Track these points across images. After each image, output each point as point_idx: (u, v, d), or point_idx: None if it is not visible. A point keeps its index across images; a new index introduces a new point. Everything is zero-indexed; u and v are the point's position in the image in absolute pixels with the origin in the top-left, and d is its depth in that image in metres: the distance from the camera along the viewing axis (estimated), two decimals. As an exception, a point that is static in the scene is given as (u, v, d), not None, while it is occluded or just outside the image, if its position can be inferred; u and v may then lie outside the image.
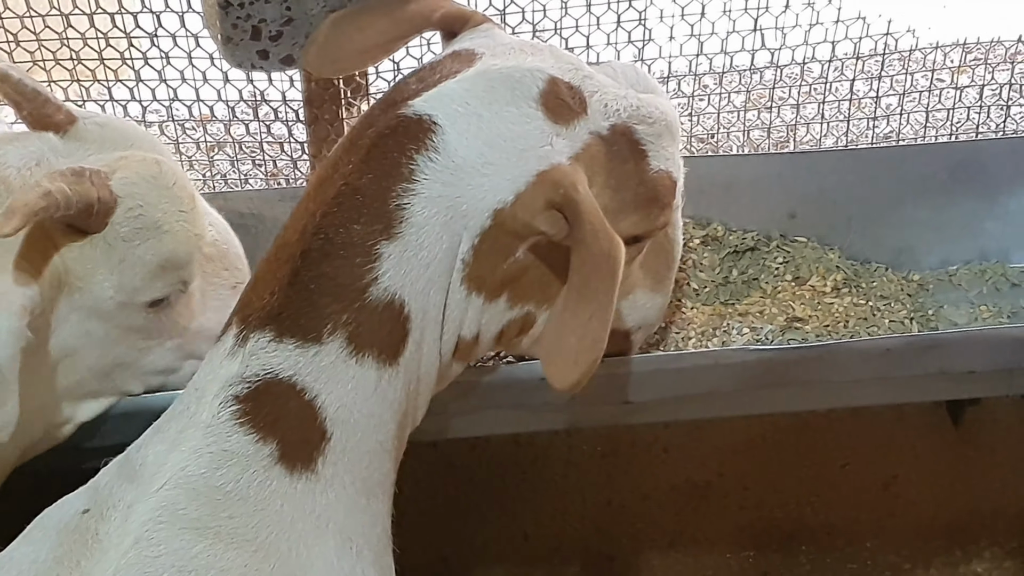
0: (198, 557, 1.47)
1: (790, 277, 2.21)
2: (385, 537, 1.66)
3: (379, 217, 1.59)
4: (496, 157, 1.62)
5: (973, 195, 2.26)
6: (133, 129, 1.85)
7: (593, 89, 1.70)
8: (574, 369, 1.60)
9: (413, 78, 1.70)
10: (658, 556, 2.76)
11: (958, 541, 2.80)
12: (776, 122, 2.36)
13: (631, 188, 1.71)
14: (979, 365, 2.03)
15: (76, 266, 1.72)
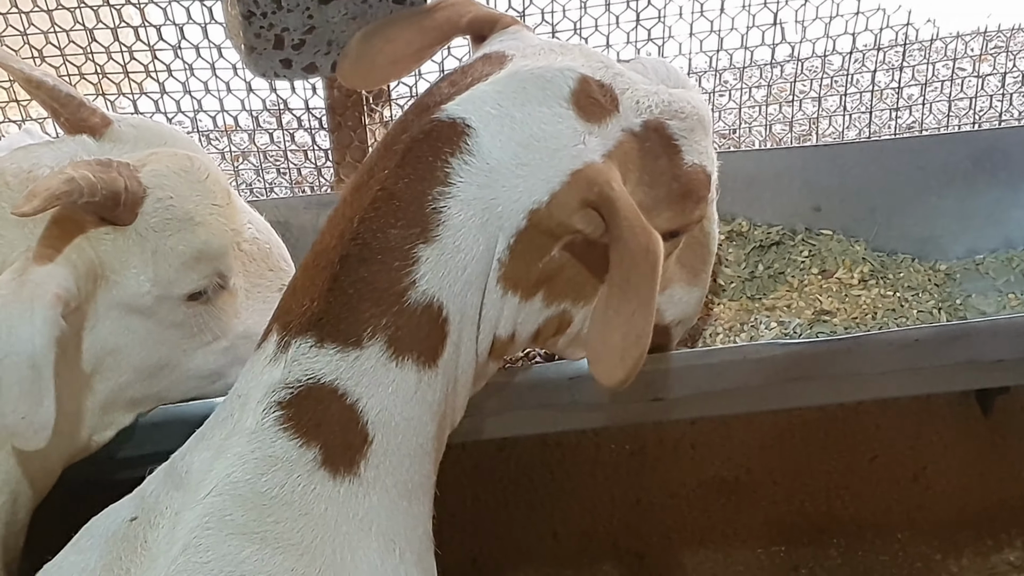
0: (246, 562, 1.50)
1: (816, 270, 2.23)
2: (427, 538, 1.68)
3: (416, 221, 1.60)
4: (530, 157, 1.63)
5: (997, 184, 2.28)
6: (167, 129, 1.88)
7: (624, 86, 1.71)
8: (621, 366, 1.61)
9: (445, 82, 1.71)
10: (688, 553, 2.78)
11: (989, 531, 2.82)
12: (798, 116, 2.37)
13: (665, 184, 1.73)
14: (1008, 354, 2.05)
15: (110, 258, 1.74)
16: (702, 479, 2.68)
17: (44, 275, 1.65)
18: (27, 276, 1.64)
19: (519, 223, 1.63)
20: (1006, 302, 2.23)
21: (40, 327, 1.60)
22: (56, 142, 1.83)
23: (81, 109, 1.82)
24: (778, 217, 2.29)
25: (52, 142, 1.84)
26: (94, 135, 1.83)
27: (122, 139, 1.84)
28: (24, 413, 1.60)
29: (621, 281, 1.60)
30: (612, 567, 2.80)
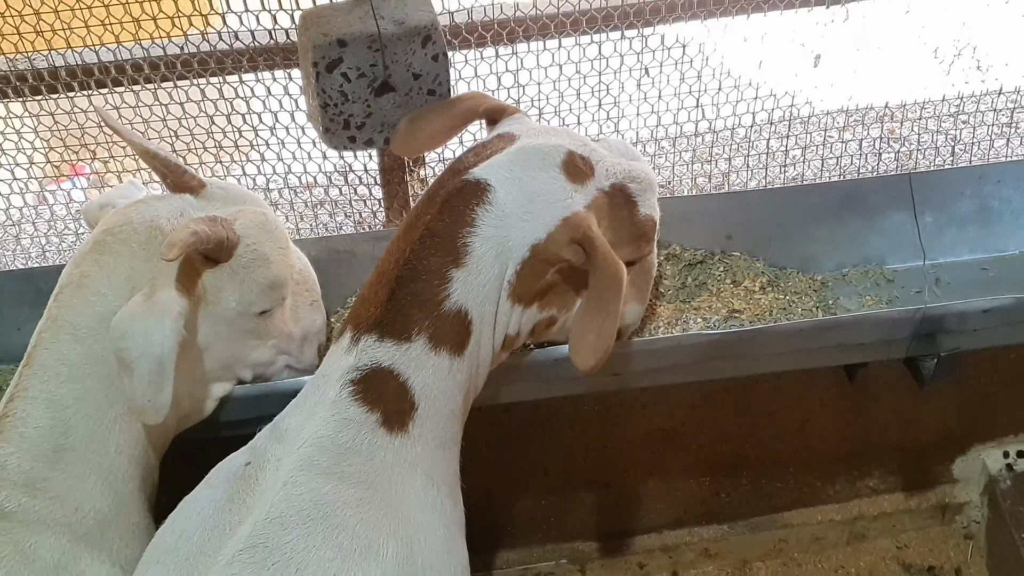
0: (328, 494, 1.54)
1: (729, 281, 2.26)
2: (455, 476, 1.73)
3: (450, 252, 1.66)
4: (533, 208, 1.69)
5: (856, 218, 2.32)
6: (245, 191, 1.94)
7: (598, 158, 1.77)
8: (594, 357, 1.68)
9: (471, 153, 1.77)
10: (640, 483, 2.80)
11: (854, 465, 2.85)
12: (714, 171, 2.41)
13: (626, 228, 1.79)
14: (866, 339, 2.10)
15: (211, 286, 1.79)
16: (650, 430, 2.69)
17: (169, 298, 1.70)
18: (156, 297, 1.68)
19: (524, 254, 1.69)
20: (863, 302, 2.26)
21: (168, 335, 1.65)
22: (166, 198, 1.88)
23: (184, 175, 1.88)
24: (701, 243, 2.33)
25: (163, 197, 1.88)
26: (193, 194, 1.87)
27: (214, 198, 1.88)
28: (150, 398, 1.64)
29: (596, 297, 1.67)
30: (586, 493, 2.81)
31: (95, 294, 1.76)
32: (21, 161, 2.34)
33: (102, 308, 1.74)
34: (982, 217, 2.33)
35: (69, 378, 1.74)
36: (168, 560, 1.57)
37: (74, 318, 1.76)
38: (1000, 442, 2.84)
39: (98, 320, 1.74)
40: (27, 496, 1.68)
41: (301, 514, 1.51)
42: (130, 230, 1.79)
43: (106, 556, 1.75)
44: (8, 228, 2.41)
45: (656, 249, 1.95)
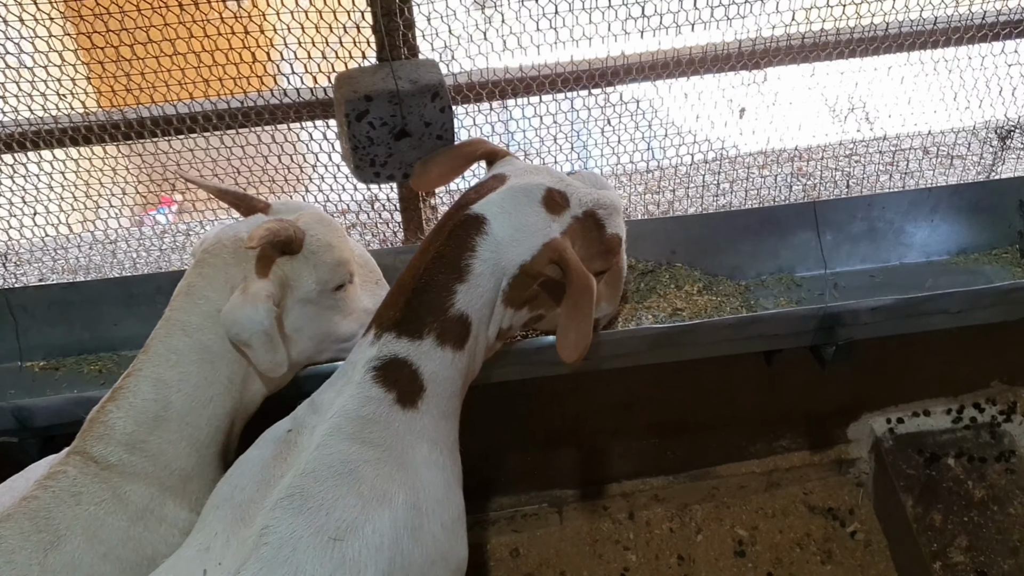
0: (353, 454, 1.53)
1: (673, 286, 2.23)
2: (455, 441, 1.71)
3: (455, 270, 1.65)
4: (520, 236, 1.67)
5: (773, 236, 2.30)
6: (302, 202, 1.92)
7: (572, 192, 1.74)
8: (575, 352, 1.66)
9: (472, 191, 1.75)
10: (605, 443, 2.79)
11: (771, 429, 2.85)
12: (661, 200, 2.38)
13: (596, 246, 1.76)
14: (781, 331, 2.09)
15: (291, 274, 1.77)
16: (613, 401, 2.68)
17: (259, 286, 1.71)
18: (249, 289, 1.70)
19: (514, 271, 1.68)
20: (778, 303, 2.24)
21: (264, 312, 1.66)
22: (244, 220, 1.87)
23: (252, 200, 1.87)
24: (651, 256, 2.31)
25: (244, 220, 1.87)
26: (264, 213, 1.86)
27: (278, 212, 1.86)
28: (271, 358, 1.69)
29: (573, 303, 1.66)
30: (564, 451, 2.80)
31: (201, 297, 1.76)
32: (116, 192, 2.33)
33: (207, 307, 1.74)
34: (871, 236, 2.33)
35: (177, 363, 1.74)
36: (226, 506, 1.56)
37: (185, 317, 1.76)
38: (884, 411, 2.85)
39: (204, 317, 1.74)
40: (127, 453, 1.69)
41: (330, 470, 1.50)
42: (220, 246, 1.78)
43: (186, 503, 1.75)
44: (107, 245, 2.38)
45: (625, 260, 1.93)
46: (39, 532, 1.59)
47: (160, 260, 2.36)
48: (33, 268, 2.38)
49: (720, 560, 2.77)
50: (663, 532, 2.84)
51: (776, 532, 2.82)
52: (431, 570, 1.56)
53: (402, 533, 1.51)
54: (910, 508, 2.61)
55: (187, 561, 1.49)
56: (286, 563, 1.41)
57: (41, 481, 1.65)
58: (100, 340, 2.23)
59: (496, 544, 2.84)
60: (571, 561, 2.79)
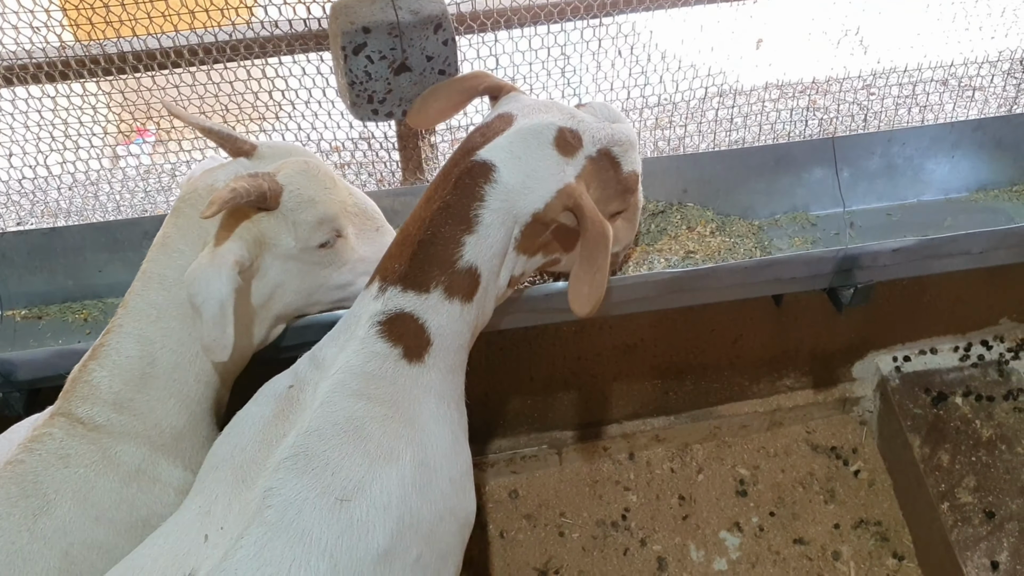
0: (358, 411, 1.47)
1: (685, 227, 2.14)
2: (461, 394, 1.65)
3: (464, 221, 1.56)
4: (532, 183, 1.57)
5: (788, 174, 2.21)
6: (292, 145, 1.81)
7: (584, 129, 1.63)
8: (588, 304, 1.58)
9: (478, 133, 1.64)
10: (606, 385, 2.73)
11: (775, 369, 2.78)
12: (672, 137, 2.28)
13: (613, 186, 1.67)
14: (795, 274, 2.00)
15: (269, 231, 1.66)
16: (615, 345, 2.61)
17: (226, 249, 1.59)
18: (217, 250, 1.58)
19: (527, 219, 1.60)
20: (792, 243, 2.15)
21: (225, 281, 1.54)
22: (226, 164, 1.75)
23: (238, 142, 1.75)
24: (662, 196, 2.21)
25: (224, 164, 1.76)
26: (248, 156, 1.75)
27: (264, 156, 1.75)
28: (216, 336, 1.54)
29: (588, 255, 1.58)
30: (563, 394, 2.73)
31: (175, 251, 1.67)
32: (97, 132, 2.21)
33: (182, 261, 1.66)
34: (888, 172, 2.23)
35: (158, 318, 1.66)
36: (225, 467, 1.50)
37: (161, 271, 1.67)
38: (890, 349, 2.78)
39: (180, 271, 1.65)
40: (115, 412, 1.63)
41: (335, 428, 1.45)
42: (196, 196, 1.68)
43: (179, 462, 1.68)
44: (88, 187, 2.26)
45: (641, 197, 1.84)
46: (27, 497, 1.52)
47: (145, 202, 2.25)
48: (11, 212, 2.26)
49: (721, 499, 2.74)
50: (664, 472, 2.80)
51: (778, 471, 2.78)
52: (439, 526, 1.52)
53: (410, 491, 1.46)
54: (917, 448, 2.57)
55: (187, 526, 1.43)
56: (291, 526, 1.36)
57: (26, 444, 1.57)
58: (84, 287, 2.12)
59: (495, 486, 2.79)
60: (571, 502, 2.75)
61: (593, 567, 2.62)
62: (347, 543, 1.37)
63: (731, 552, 2.63)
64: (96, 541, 1.55)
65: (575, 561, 2.64)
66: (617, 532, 2.69)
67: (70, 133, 2.14)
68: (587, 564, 2.63)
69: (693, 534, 2.67)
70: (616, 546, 2.66)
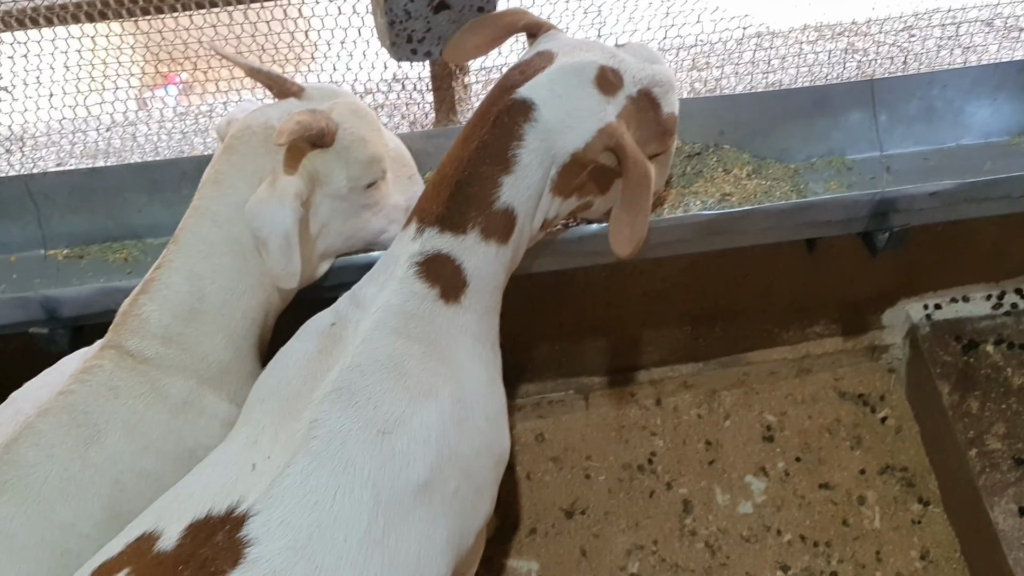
0: (398, 348, 1.50)
1: (721, 170, 2.14)
2: (496, 334, 1.68)
3: (501, 160, 1.56)
4: (572, 121, 1.57)
5: (825, 117, 2.19)
6: (337, 88, 1.81)
7: (625, 69, 1.62)
8: (629, 245, 1.58)
9: (516, 71, 1.63)
10: (635, 331, 2.74)
11: (806, 315, 2.78)
12: (708, 78, 2.27)
13: (652, 127, 1.67)
14: (832, 217, 2.00)
15: (322, 168, 1.67)
16: (645, 290, 2.62)
17: (287, 182, 1.61)
18: (277, 184, 1.60)
19: (565, 160, 1.59)
20: (828, 187, 2.14)
21: (289, 212, 1.57)
22: (276, 104, 1.76)
23: (286, 83, 1.76)
24: (699, 138, 2.20)
25: (273, 104, 1.76)
26: (296, 97, 1.76)
27: (312, 97, 1.75)
28: (284, 266, 1.59)
29: (630, 195, 1.58)
30: (592, 340, 2.75)
31: (229, 187, 1.68)
32: (135, 72, 2.22)
33: (235, 197, 1.67)
34: (927, 116, 2.21)
35: (209, 254, 1.68)
36: (271, 399, 1.53)
37: (213, 207, 1.69)
38: (922, 297, 2.78)
39: (233, 207, 1.67)
40: (164, 346, 1.66)
41: (376, 364, 1.48)
42: (250, 133, 1.69)
43: (225, 395, 1.72)
44: (127, 128, 2.28)
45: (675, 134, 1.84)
46: (78, 426, 1.56)
47: (182, 143, 2.27)
48: (51, 152, 2.29)
49: (748, 445, 2.76)
50: (691, 418, 2.83)
51: (805, 418, 2.80)
52: (476, 460, 1.55)
53: (449, 426, 1.49)
54: (946, 395, 2.58)
55: (234, 455, 1.47)
56: (336, 456, 1.39)
57: (77, 375, 1.61)
58: (124, 227, 2.15)
59: (521, 429, 2.83)
60: (597, 446, 2.78)
61: (619, 508, 2.66)
62: (389, 474, 1.41)
63: (756, 496, 2.67)
64: (145, 470, 1.59)
65: (601, 502, 2.68)
66: (643, 475, 2.72)
67: (108, 74, 2.16)
68: (613, 505, 2.67)
69: (719, 478, 2.70)
70: (642, 489, 2.70)
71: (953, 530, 2.57)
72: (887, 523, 2.60)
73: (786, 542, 2.58)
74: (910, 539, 2.57)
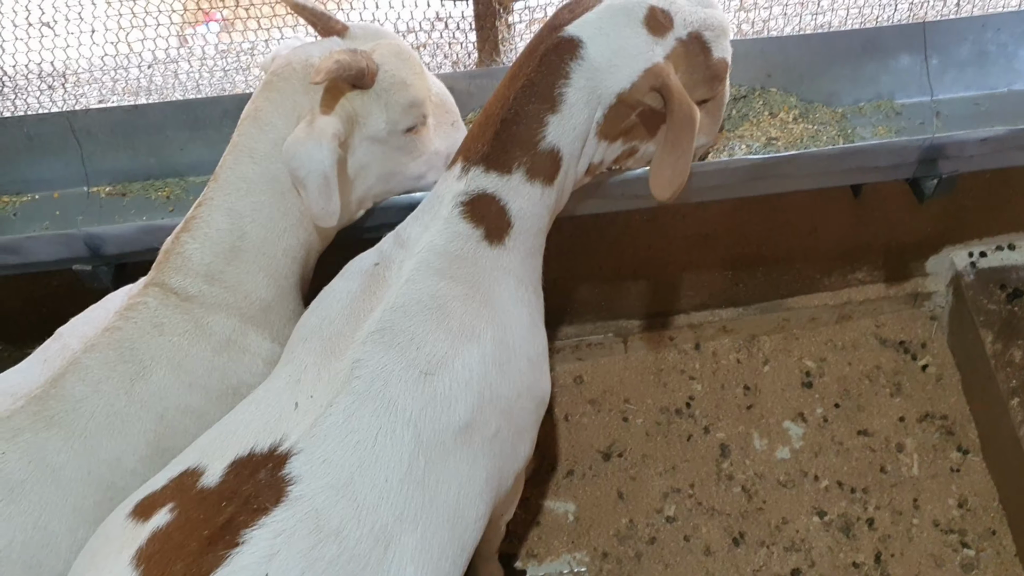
0: (441, 288, 1.50)
1: (767, 113, 2.11)
2: (539, 277, 1.68)
3: (547, 99, 1.55)
4: (619, 61, 1.55)
5: (873, 60, 2.14)
6: (382, 28, 1.79)
7: (676, 10, 1.60)
8: (670, 189, 1.58)
9: (566, 9, 1.61)
10: (675, 275, 2.73)
11: (848, 261, 2.75)
12: (756, 19, 2.21)
13: (701, 72, 1.64)
14: (879, 163, 1.96)
15: (361, 110, 1.66)
16: (687, 234, 2.60)
17: (325, 122, 1.60)
18: (315, 124, 1.60)
19: (611, 100, 1.58)
20: (876, 132, 2.11)
21: (327, 153, 1.57)
22: (319, 42, 1.75)
23: (330, 21, 1.74)
24: (745, 80, 2.16)
25: (315, 42, 1.75)
26: (340, 36, 1.74)
27: (356, 37, 1.74)
28: (323, 206, 1.59)
29: (673, 137, 1.56)
30: (631, 283, 2.74)
31: (267, 124, 1.68)
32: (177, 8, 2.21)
33: (274, 135, 1.66)
34: (979, 60, 2.15)
35: (248, 192, 1.68)
36: (314, 338, 1.54)
37: (252, 144, 1.68)
38: (967, 244, 2.74)
39: (271, 145, 1.66)
40: (206, 284, 1.67)
41: (419, 304, 1.48)
42: (290, 70, 1.68)
43: (267, 333, 1.73)
44: (168, 65, 2.28)
45: (728, 86, 1.80)
46: (124, 362, 1.59)
47: (224, 81, 2.26)
48: (93, 89, 2.29)
49: (787, 391, 2.76)
50: (730, 363, 2.82)
51: (845, 364, 2.78)
52: (517, 402, 1.56)
53: (490, 368, 1.50)
54: (989, 344, 2.55)
55: (277, 393, 1.48)
56: (378, 396, 1.41)
57: (122, 312, 1.64)
58: (166, 165, 2.16)
59: (560, 371, 2.84)
60: (635, 389, 2.79)
61: (656, 451, 2.68)
62: (430, 415, 1.42)
63: (794, 441, 2.67)
64: (189, 406, 1.62)
65: (638, 445, 2.69)
66: (681, 419, 2.73)
67: (150, 10, 2.15)
68: (650, 448, 2.68)
69: (757, 423, 2.70)
70: (680, 432, 2.71)
71: (992, 479, 2.55)
72: (925, 471, 2.59)
73: (823, 488, 2.59)
74: (948, 487, 2.56)
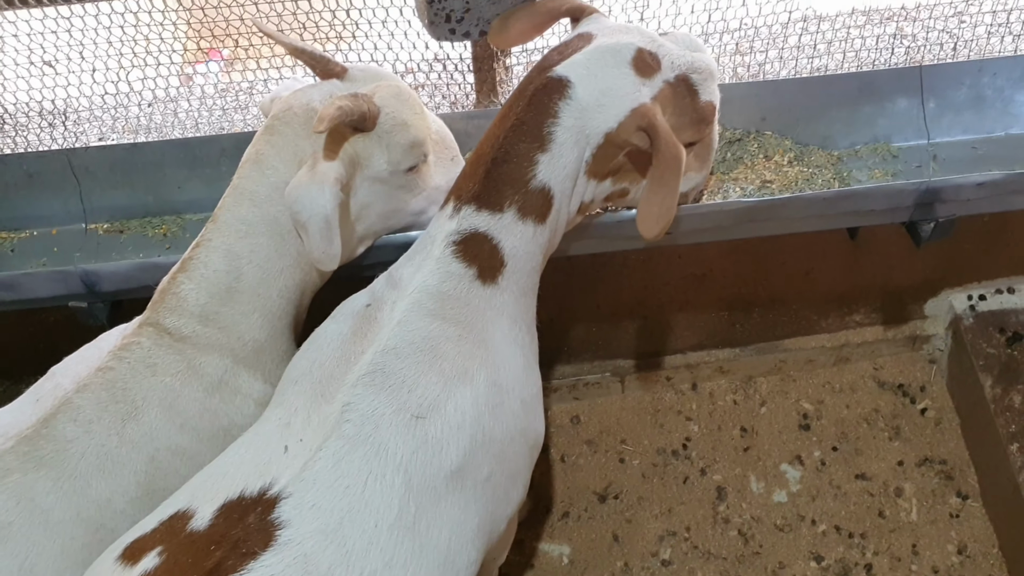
0: (433, 330, 1.49)
1: (762, 156, 2.11)
2: (533, 317, 1.66)
3: (537, 139, 1.55)
4: (607, 101, 1.56)
5: (870, 104, 2.15)
6: (381, 70, 1.81)
7: (664, 53, 1.61)
8: (656, 226, 1.57)
9: (555, 51, 1.62)
10: (672, 315, 2.72)
11: (846, 303, 2.75)
12: (751, 63, 2.23)
13: (688, 114, 1.64)
14: (877, 206, 1.96)
15: (363, 152, 1.67)
16: (683, 274, 2.60)
17: (328, 167, 1.61)
18: (317, 168, 1.60)
19: (599, 140, 1.58)
20: (872, 175, 2.11)
21: (329, 197, 1.57)
22: (318, 85, 1.76)
23: (329, 63, 1.75)
24: (739, 124, 2.17)
25: (316, 85, 1.76)
26: (339, 78, 1.75)
27: (355, 79, 1.75)
28: (324, 250, 1.59)
29: (659, 175, 1.56)
30: (628, 323, 2.74)
31: (269, 168, 1.69)
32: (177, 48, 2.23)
33: (275, 179, 1.68)
34: (976, 104, 2.16)
35: (247, 235, 1.69)
36: (305, 381, 1.53)
37: (253, 187, 1.69)
38: (966, 288, 2.73)
39: (273, 188, 1.68)
40: (201, 324, 1.67)
41: (412, 346, 1.47)
42: (292, 114, 1.69)
43: (259, 375, 1.73)
44: (168, 104, 2.29)
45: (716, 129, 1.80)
46: (116, 403, 1.58)
47: (222, 120, 2.28)
48: (93, 127, 2.31)
49: (784, 433, 2.74)
50: (726, 404, 2.81)
51: (843, 407, 2.77)
52: (510, 446, 1.55)
53: (483, 411, 1.49)
54: (988, 387, 2.54)
55: (267, 436, 1.47)
56: (368, 440, 1.40)
57: (115, 352, 1.63)
58: (164, 203, 2.17)
59: (557, 411, 2.83)
60: (632, 429, 2.78)
61: (652, 493, 2.65)
62: (421, 459, 1.41)
63: (791, 485, 2.65)
64: (180, 447, 1.61)
65: (634, 487, 2.67)
66: (677, 461, 2.71)
67: (151, 50, 2.16)
68: (646, 490, 2.66)
69: (754, 466, 2.68)
70: (676, 474, 2.69)
71: (992, 525, 2.53)
72: (924, 516, 2.56)
73: (820, 532, 2.56)
74: (947, 533, 2.54)
